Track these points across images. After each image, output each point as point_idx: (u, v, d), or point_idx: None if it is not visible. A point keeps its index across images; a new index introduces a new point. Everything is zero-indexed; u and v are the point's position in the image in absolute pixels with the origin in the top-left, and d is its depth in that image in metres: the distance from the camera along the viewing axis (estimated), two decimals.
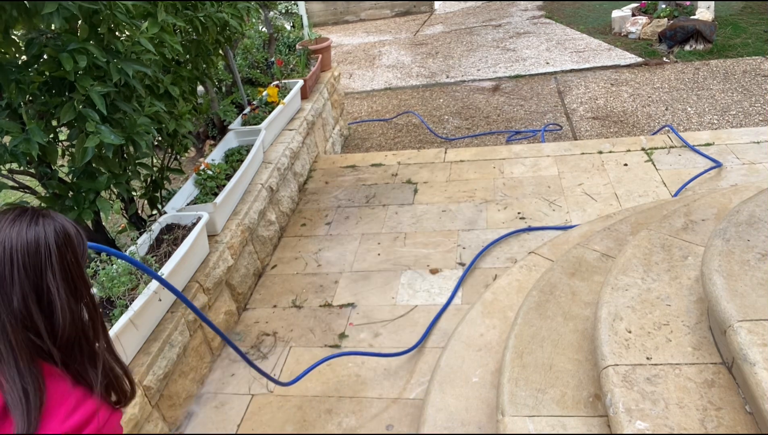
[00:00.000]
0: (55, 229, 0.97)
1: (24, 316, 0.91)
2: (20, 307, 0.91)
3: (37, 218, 0.96)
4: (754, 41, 6.74)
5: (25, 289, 0.92)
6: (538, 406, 1.87)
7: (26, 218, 0.96)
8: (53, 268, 0.94)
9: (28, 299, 0.92)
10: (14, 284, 0.91)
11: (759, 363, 1.50)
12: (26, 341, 0.91)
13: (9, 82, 1.95)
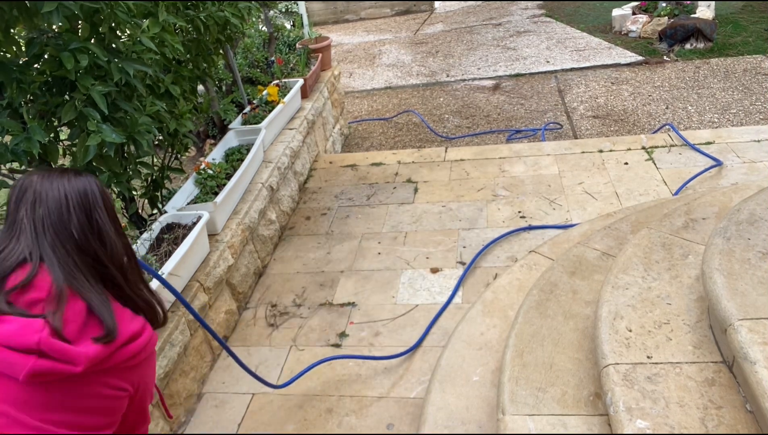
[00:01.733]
0: (94, 180, 1.19)
1: (83, 244, 1.11)
2: (80, 237, 1.11)
3: (78, 173, 1.18)
4: (755, 40, 6.74)
5: (81, 223, 1.12)
6: (538, 405, 1.87)
7: (71, 172, 1.17)
8: (99, 207, 1.16)
9: (86, 230, 1.12)
10: (72, 219, 1.11)
11: (759, 362, 1.50)
12: (89, 265, 1.12)
13: (10, 81, 1.95)
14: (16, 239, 1.09)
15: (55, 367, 0.98)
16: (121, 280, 1.18)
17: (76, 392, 1.02)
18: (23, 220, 1.10)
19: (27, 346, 0.96)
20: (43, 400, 0.99)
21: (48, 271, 1.07)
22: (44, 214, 1.10)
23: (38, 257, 1.07)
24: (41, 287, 1.04)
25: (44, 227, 1.09)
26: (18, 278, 1.04)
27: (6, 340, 0.96)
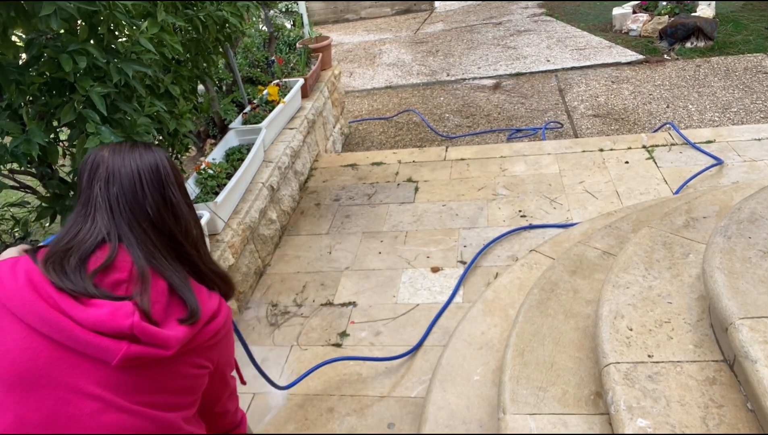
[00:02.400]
0: (163, 154, 1.17)
1: (158, 222, 1.11)
2: (155, 216, 1.10)
3: (147, 147, 1.16)
4: (756, 38, 6.73)
5: (156, 200, 1.11)
6: (539, 404, 1.87)
7: (140, 146, 1.15)
8: (172, 183, 1.14)
9: (160, 208, 1.11)
10: (146, 197, 1.10)
11: (760, 360, 1.50)
12: (165, 243, 1.11)
13: (9, 82, 1.95)
14: (92, 219, 1.08)
15: (147, 352, 0.99)
16: (195, 256, 1.17)
17: (163, 374, 1.03)
18: (98, 199, 1.08)
19: (119, 331, 0.96)
20: (134, 383, 1.00)
21: (127, 251, 1.06)
22: (119, 193, 1.08)
23: (116, 237, 1.06)
24: (122, 268, 1.04)
25: (120, 206, 1.08)
26: (99, 260, 1.03)
27: (97, 325, 0.95)
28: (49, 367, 0.95)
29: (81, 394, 0.96)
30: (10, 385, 0.94)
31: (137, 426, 1.00)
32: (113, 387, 0.98)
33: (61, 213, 2.31)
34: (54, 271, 0.99)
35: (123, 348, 0.96)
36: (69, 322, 0.95)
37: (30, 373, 0.94)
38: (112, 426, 0.97)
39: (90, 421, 0.95)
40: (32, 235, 3.08)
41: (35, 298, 0.96)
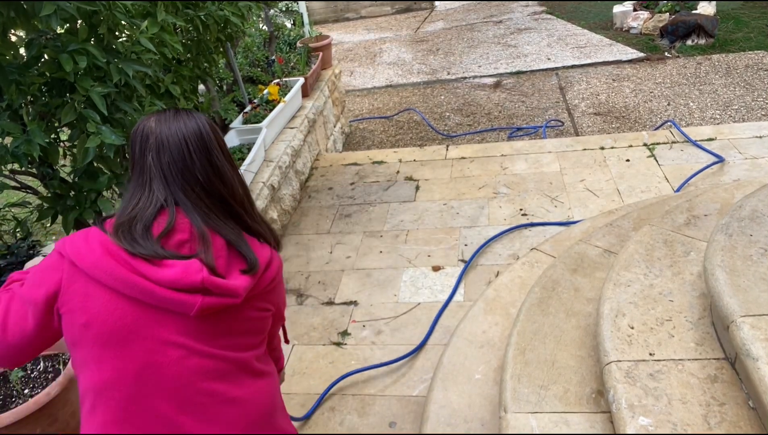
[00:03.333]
0: (205, 120, 1.23)
1: (208, 186, 1.18)
2: (204, 180, 1.18)
3: (189, 113, 1.22)
4: (756, 35, 6.71)
5: (204, 166, 1.18)
6: (540, 403, 1.87)
7: (183, 114, 1.21)
8: (215, 148, 1.21)
9: (208, 172, 1.18)
10: (195, 163, 1.17)
11: (762, 358, 1.49)
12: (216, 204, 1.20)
13: (9, 83, 1.95)
14: (148, 187, 1.16)
15: (219, 302, 1.11)
16: (243, 213, 1.26)
17: (234, 318, 1.16)
18: (152, 168, 1.16)
19: (192, 286, 1.08)
20: (211, 330, 1.13)
21: (185, 214, 1.15)
22: (170, 161, 1.16)
23: (173, 203, 1.15)
24: (183, 229, 1.14)
25: (173, 174, 1.16)
26: (161, 225, 1.13)
27: (173, 282, 1.07)
28: (136, 323, 1.08)
29: (167, 344, 1.09)
30: (105, 343, 1.07)
31: (217, 367, 1.14)
32: (193, 335, 1.11)
33: (62, 213, 2.31)
34: (125, 239, 1.09)
35: (198, 301, 1.08)
36: (148, 282, 1.06)
37: (120, 331, 1.07)
38: (196, 369, 1.11)
39: (177, 367, 1.10)
40: (33, 235, 3.08)
41: (114, 264, 1.06)
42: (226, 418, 1.15)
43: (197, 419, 1.12)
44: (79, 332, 1.08)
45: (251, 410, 1.20)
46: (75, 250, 1.09)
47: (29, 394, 1.79)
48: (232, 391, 1.17)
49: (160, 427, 1.10)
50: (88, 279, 1.07)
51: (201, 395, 1.13)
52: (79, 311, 1.07)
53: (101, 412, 1.09)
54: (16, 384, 1.84)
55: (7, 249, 2.55)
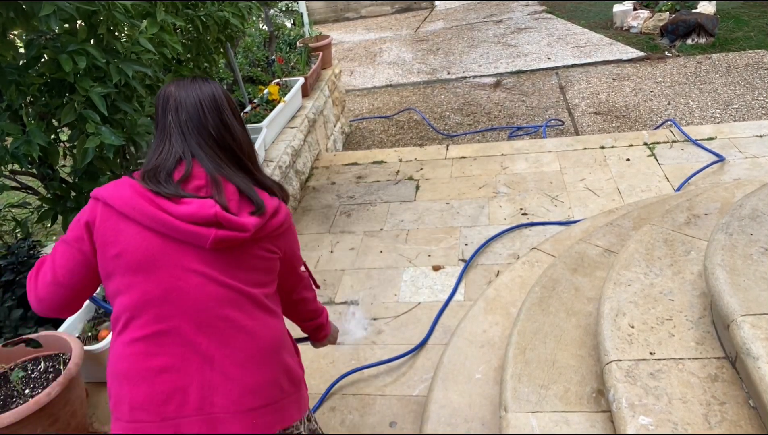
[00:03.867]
0: (218, 85, 1.41)
1: (220, 140, 1.36)
2: (217, 135, 1.35)
3: (205, 80, 1.41)
4: (757, 34, 6.71)
5: (216, 123, 1.35)
6: (541, 402, 1.87)
7: (199, 80, 1.40)
8: (226, 109, 1.38)
9: (220, 129, 1.36)
10: (208, 120, 1.34)
11: (762, 357, 1.49)
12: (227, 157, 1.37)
13: (8, 84, 1.95)
14: (168, 141, 1.34)
15: (230, 235, 1.26)
16: (251, 167, 1.42)
17: (245, 255, 1.32)
18: (171, 125, 1.34)
19: (207, 219, 1.23)
20: (225, 262, 1.29)
21: (200, 164, 1.32)
22: (186, 119, 1.34)
23: (190, 154, 1.32)
24: (199, 176, 1.30)
25: (189, 130, 1.34)
26: (180, 172, 1.30)
27: (190, 216, 1.23)
28: (161, 253, 1.24)
29: (188, 272, 1.25)
30: (134, 270, 1.23)
31: (231, 297, 1.28)
32: (210, 266, 1.27)
33: (62, 214, 2.31)
34: (150, 182, 1.27)
35: (212, 233, 1.24)
36: (169, 217, 1.23)
37: (148, 260, 1.23)
38: (213, 295, 1.26)
39: (197, 292, 1.25)
40: (33, 235, 3.08)
41: (142, 202, 1.23)
42: (237, 343, 1.28)
43: (212, 341, 1.26)
44: (112, 263, 1.24)
45: (260, 340, 1.33)
46: (108, 192, 1.26)
47: (30, 394, 1.79)
48: (244, 320, 1.30)
49: (179, 344, 1.24)
50: (120, 216, 1.24)
51: (217, 319, 1.27)
52: (112, 244, 1.24)
53: (131, 329, 1.25)
54: (17, 384, 1.84)
55: (7, 249, 2.55)
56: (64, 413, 1.79)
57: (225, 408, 1.25)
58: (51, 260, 1.29)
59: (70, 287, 1.28)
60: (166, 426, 1.22)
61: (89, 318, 2.29)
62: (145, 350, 1.24)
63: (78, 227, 1.27)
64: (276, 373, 1.36)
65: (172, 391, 1.23)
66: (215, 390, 1.25)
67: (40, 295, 1.29)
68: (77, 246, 1.27)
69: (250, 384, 1.29)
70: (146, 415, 1.23)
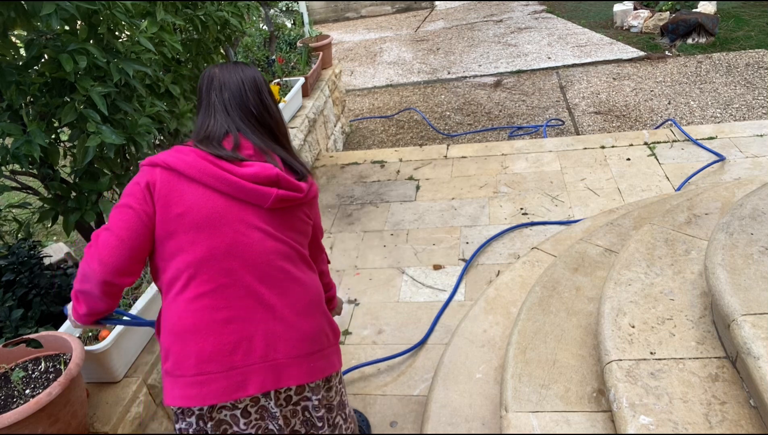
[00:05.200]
0: (257, 70, 1.55)
1: (260, 117, 1.50)
2: (257, 112, 1.49)
3: (245, 65, 1.55)
4: (757, 34, 6.71)
5: (256, 102, 1.49)
6: (541, 402, 1.87)
7: (241, 64, 1.54)
8: (264, 91, 1.53)
9: (259, 107, 1.50)
10: (249, 99, 1.48)
11: (763, 357, 1.49)
12: (267, 133, 1.52)
13: (9, 83, 1.95)
14: (213, 117, 1.46)
15: (289, 194, 1.42)
16: (287, 144, 1.57)
17: (291, 216, 1.47)
18: (215, 103, 1.47)
19: (269, 179, 1.38)
20: (278, 221, 1.43)
21: (245, 137, 1.46)
22: (230, 97, 1.47)
23: (235, 128, 1.46)
24: (247, 147, 1.44)
25: (232, 107, 1.47)
26: (230, 143, 1.43)
27: (254, 177, 1.37)
28: (224, 211, 1.36)
29: (250, 228, 1.38)
30: (200, 228, 1.33)
31: (286, 251, 1.44)
32: (268, 223, 1.41)
33: (63, 214, 2.31)
34: (209, 147, 1.40)
35: (274, 192, 1.39)
36: (234, 177, 1.35)
37: (213, 217, 1.34)
38: (272, 249, 1.40)
39: (258, 246, 1.38)
40: (34, 236, 3.08)
41: (206, 164, 1.35)
42: (293, 293, 1.43)
43: (272, 290, 1.39)
44: (175, 221, 1.33)
45: (310, 292, 1.48)
46: (169, 157, 1.36)
47: (30, 395, 1.79)
48: (297, 273, 1.45)
49: (243, 296, 1.36)
50: (183, 178, 1.35)
51: (276, 271, 1.40)
52: (176, 204, 1.33)
53: (194, 286, 1.34)
54: (17, 384, 1.84)
55: (8, 249, 2.55)
56: (64, 413, 1.79)
57: (286, 353, 1.39)
58: (110, 227, 1.33)
59: (133, 247, 1.33)
60: (233, 375, 1.32)
61: None
62: (211, 304, 1.33)
63: (139, 190, 1.34)
64: (323, 322, 1.51)
65: (238, 340, 1.34)
66: (278, 337, 1.38)
67: (104, 258, 1.30)
68: (139, 208, 1.33)
69: (306, 331, 1.43)
70: (214, 366, 1.32)
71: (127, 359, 2.20)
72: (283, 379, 1.38)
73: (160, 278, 1.40)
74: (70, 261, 3.07)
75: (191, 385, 1.32)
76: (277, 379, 1.37)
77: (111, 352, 2.07)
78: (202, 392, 1.32)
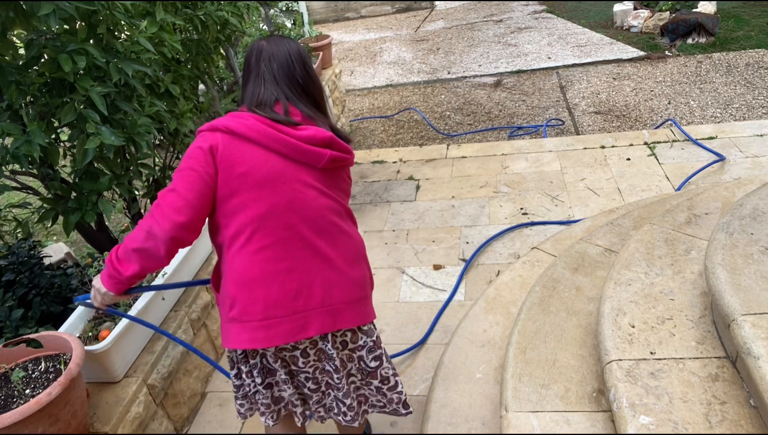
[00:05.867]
0: (301, 45, 1.65)
1: (306, 87, 1.61)
2: (303, 82, 1.60)
3: (290, 39, 1.64)
4: (757, 34, 6.71)
5: (302, 72, 1.60)
6: (541, 402, 1.87)
7: (286, 39, 1.64)
8: (308, 62, 1.63)
9: (305, 77, 1.60)
10: (295, 69, 1.58)
11: (763, 356, 1.49)
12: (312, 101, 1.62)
13: (9, 83, 1.95)
14: (263, 86, 1.57)
15: (341, 156, 1.55)
16: (328, 113, 1.67)
17: (337, 177, 1.60)
18: (265, 73, 1.57)
19: (324, 141, 1.51)
20: (329, 180, 1.56)
21: (293, 104, 1.56)
22: (278, 67, 1.57)
23: (284, 96, 1.56)
24: (296, 114, 1.55)
25: (280, 76, 1.57)
26: (280, 110, 1.54)
27: (310, 139, 1.49)
28: (283, 171, 1.48)
29: (306, 186, 1.50)
30: (261, 186, 1.45)
31: (337, 207, 1.57)
32: (320, 181, 1.54)
33: (63, 214, 2.31)
34: (265, 112, 1.51)
35: (328, 152, 1.51)
36: (291, 139, 1.47)
37: (273, 176, 1.46)
38: (325, 205, 1.54)
39: (314, 202, 1.51)
40: (34, 235, 3.08)
41: (265, 127, 1.46)
42: (344, 245, 1.57)
43: (327, 243, 1.53)
44: (237, 180, 1.44)
45: (357, 244, 1.63)
46: (230, 121, 1.47)
47: (30, 395, 1.79)
48: (346, 227, 1.60)
49: (302, 247, 1.49)
50: (244, 140, 1.46)
51: (329, 225, 1.54)
52: (239, 164, 1.44)
53: (260, 237, 1.46)
54: (18, 384, 1.84)
55: (8, 249, 2.55)
56: (64, 413, 1.79)
57: (341, 299, 1.53)
58: (176, 188, 1.42)
59: (198, 207, 1.43)
60: (296, 318, 1.48)
61: (89, 318, 2.29)
62: (274, 255, 1.47)
63: (202, 153, 1.44)
64: (366, 272, 1.66)
65: (300, 288, 1.48)
66: (334, 284, 1.53)
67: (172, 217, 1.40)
68: (202, 170, 1.43)
69: (356, 278, 1.58)
70: (280, 310, 1.47)
71: (127, 359, 2.20)
72: (339, 322, 1.53)
73: (220, 234, 1.52)
74: (70, 261, 3.07)
75: (259, 329, 1.46)
76: (334, 321, 1.52)
77: (111, 352, 2.07)
78: (270, 334, 1.46)
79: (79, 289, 2.50)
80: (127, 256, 1.46)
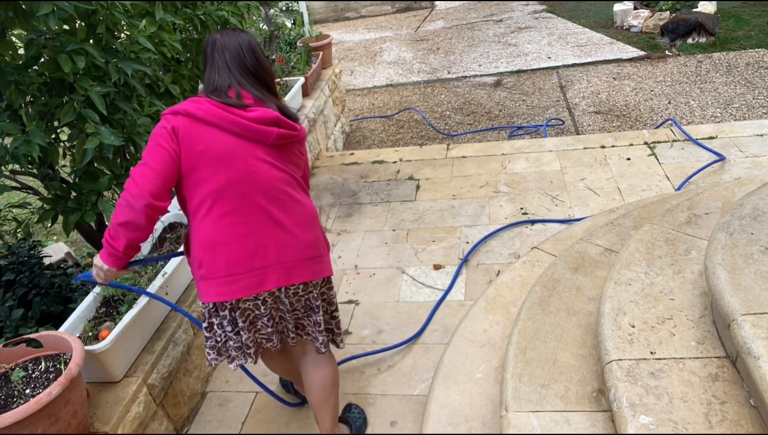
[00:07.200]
0: (251, 35, 1.83)
1: (256, 74, 1.80)
2: (254, 69, 1.79)
3: (242, 31, 1.84)
4: (757, 33, 6.70)
5: (252, 61, 1.79)
6: (541, 402, 1.87)
7: (238, 31, 1.83)
8: (259, 52, 1.82)
9: (255, 65, 1.80)
10: (246, 58, 1.78)
11: (763, 356, 1.49)
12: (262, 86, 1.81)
13: (8, 83, 1.95)
14: (218, 74, 1.76)
15: (287, 133, 1.75)
16: (279, 96, 1.87)
17: (289, 152, 1.81)
18: (218, 62, 1.76)
19: (271, 120, 1.71)
20: (279, 155, 1.77)
21: (244, 89, 1.75)
22: (230, 57, 1.76)
23: (236, 83, 1.75)
24: (248, 97, 1.75)
25: (233, 64, 1.76)
26: (233, 95, 1.73)
27: (258, 119, 1.69)
28: (237, 148, 1.69)
29: (259, 160, 1.72)
30: (219, 162, 1.66)
31: (288, 178, 1.79)
32: (271, 156, 1.74)
33: (63, 214, 2.31)
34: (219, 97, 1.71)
35: (275, 130, 1.71)
36: (242, 120, 1.67)
37: (229, 153, 1.67)
38: (276, 177, 1.75)
39: (266, 175, 1.72)
40: (34, 235, 3.08)
41: (219, 110, 1.66)
42: (296, 211, 1.79)
43: (280, 210, 1.75)
44: (197, 157, 1.65)
45: (309, 211, 1.85)
46: (189, 106, 1.66)
47: (31, 394, 1.79)
48: (297, 195, 1.81)
49: (258, 213, 1.71)
50: (202, 122, 1.66)
51: (282, 194, 1.75)
52: (197, 142, 1.65)
53: (220, 206, 1.68)
54: (18, 384, 1.84)
55: (8, 249, 2.55)
56: (64, 413, 1.79)
57: (294, 257, 1.77)
58: (145, 162, 1.62)
59: (166, 177, 1.62)
60: (254, 274, 1.71)
61: (90, 318, 2.29)
62: (233, 221, 1.68)
63: (166, 133, 1.64)
64: (318, 233, 1.87)
65: (256, 248, 1.71)
66: (287, 245, 1.75)
67: (144, 186, 1.58)
68: (167, 146, 1.63)
69: (307, 239, 1.81)
70: (240, 268, 1.69)
71: (127, 359, 2.20)
72: (293, 277, 1.77)
73: (187, 205, 1.73)
74: (70, 261, 3.07)
75: (223, 284, 1.69)
76: (288, 276, 1.76)
77: (111, 351, 2.07)
78: (233, 289, 1.70)
79: (80, 288, 2.50)
80: (116, 231, 1.63)
